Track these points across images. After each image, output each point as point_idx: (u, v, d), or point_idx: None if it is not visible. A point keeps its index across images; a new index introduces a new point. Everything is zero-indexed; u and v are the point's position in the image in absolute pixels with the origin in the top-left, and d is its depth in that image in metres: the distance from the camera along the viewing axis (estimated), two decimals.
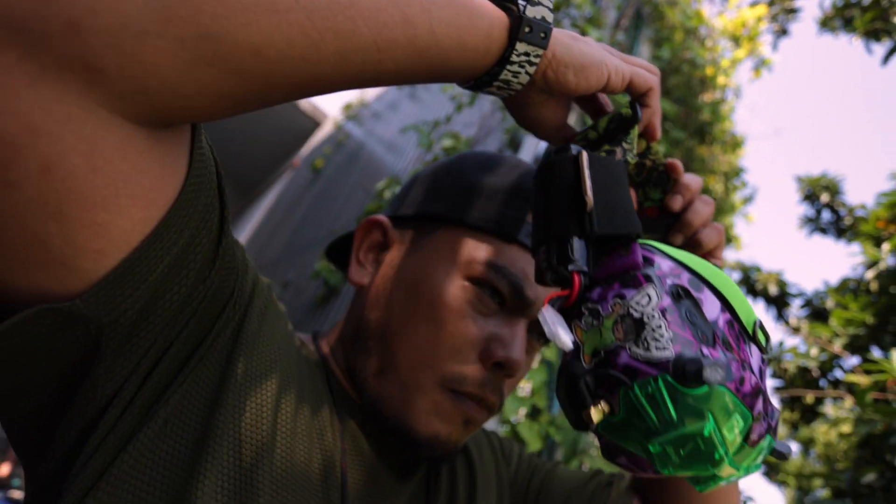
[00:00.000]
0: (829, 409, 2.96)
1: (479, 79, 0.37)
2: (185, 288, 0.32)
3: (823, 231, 3.82)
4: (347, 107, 4.47)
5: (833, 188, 3.77)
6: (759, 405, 0.31)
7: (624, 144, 0.42)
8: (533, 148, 1.82)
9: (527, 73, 0.36)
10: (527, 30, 0.34)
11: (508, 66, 0.35)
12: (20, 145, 0.22)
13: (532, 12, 0.35)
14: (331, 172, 4.12)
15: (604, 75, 0.39)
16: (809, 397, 2.77)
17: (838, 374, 2.79)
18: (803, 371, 2.75)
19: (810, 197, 3.81)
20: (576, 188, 0.36)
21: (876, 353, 2.58)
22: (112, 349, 0.30)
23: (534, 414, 1.44)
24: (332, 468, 0.43)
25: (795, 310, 3.16)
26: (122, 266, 0.27)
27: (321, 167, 4.20)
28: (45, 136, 0.23)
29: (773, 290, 2.95)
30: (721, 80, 2.71)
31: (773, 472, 4.38)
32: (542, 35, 0.35)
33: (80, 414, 0.31)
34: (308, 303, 2.75)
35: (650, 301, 0.32)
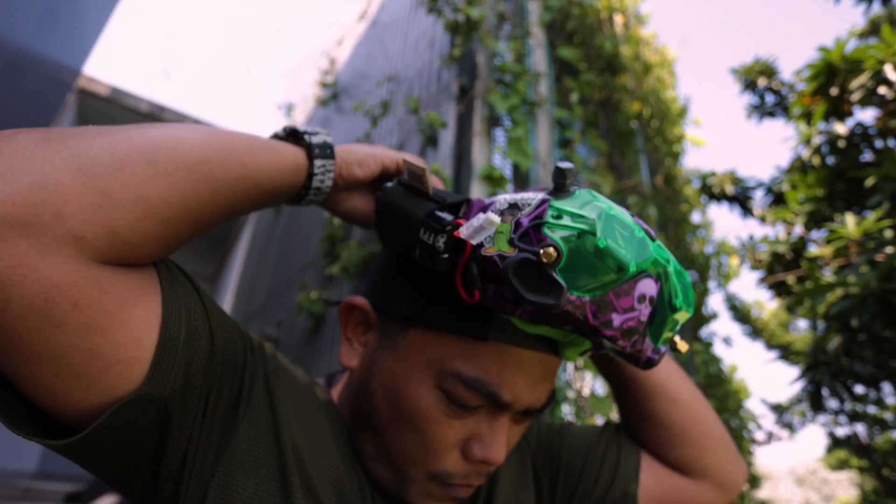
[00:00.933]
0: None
1: (299, 192, 0.52)
2: (204, 347, 0.42)
3: (771, 114, 3.94)
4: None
5: (768, 71, 3.88)
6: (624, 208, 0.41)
7: None
8: (449, 142, 1.95)
9: (329, 178, 0.53)
10: (317, 151, 0.52)
11: (315, 177, 0.52)
12: (51, 297, 0.33)
13: (316, 140, 0.52)
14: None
15: (379, 162, 0.58)
16: (791, 279, 2.92)
17: (814, 249, 2.94)
18: (777, 257, 2.90)
19: (750, 85, 3.92)
20: (411, 190, 0.49)
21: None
22: (177, 412, 0.41)
23: None
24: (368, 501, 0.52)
25: (760, 200, 3.30)
26: (158, 346, 0.38)
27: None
28: (65, 286, 0.33)
29: (730, 189, 3.08)
30: (617, 4, 2.82)
31: (787, 353, 4.58)
32: (329, 151, 0.52)
33: (170, 469, 0.42)
34: (301, 336, 2.91)
35: (507, 197, 0.43)
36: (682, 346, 0.46)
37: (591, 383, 2.08)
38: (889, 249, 1.87)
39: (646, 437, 0.65)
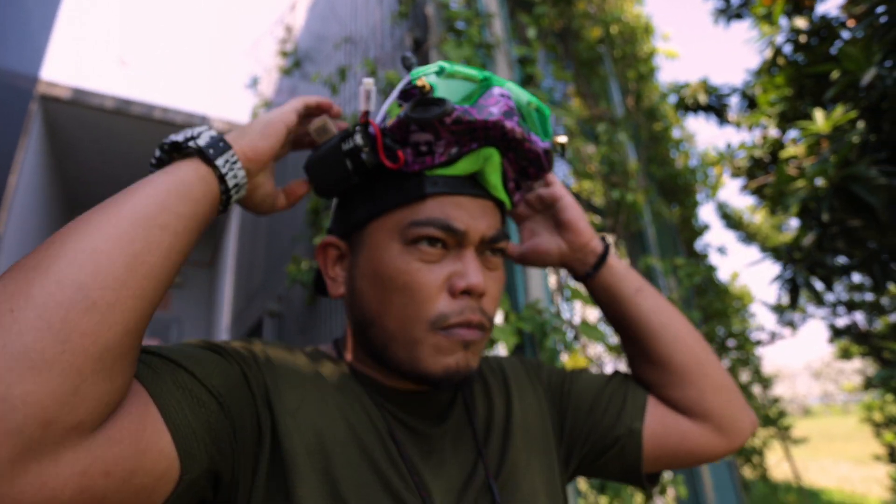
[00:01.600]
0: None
1: (223, 198, 0.50)
2: (212, 406, 0.46)
3: (739, 16, 3.90)
4: (255, 115, 4.56)
5: None
6: None
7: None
8: None
9: (239, 168, 0.50)
10: (210, 151, 0.48)
11: (227, 177, 0.49)
12: (84, 486, 0.34)
13: (203, 140, 0.48)
14: None
15: (281, 125, 0.56)
16: (772, 181, 2.98)
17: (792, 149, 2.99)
18: (756, 161, 2.95)
19: None
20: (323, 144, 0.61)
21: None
22: (222, 465, 0.46)
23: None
24: (386, 443, 0.56)
25: (736, 107, 3.32)
26: (175, 441, 0.41)
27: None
28: (90, 468, 0.34)
29: (703, 99, 3.10)
30: None
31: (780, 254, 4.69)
32: (221, 144, 0.49)
33: (226, 494, 0.47)
34: (301, 307, 3.02)
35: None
36: (561, 138, 0.63)
37: (582, 312, 2.18)
38: (854, 139, 1.92)
39: (649, 379, 0.70)
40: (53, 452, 0.33)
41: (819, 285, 1.96)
